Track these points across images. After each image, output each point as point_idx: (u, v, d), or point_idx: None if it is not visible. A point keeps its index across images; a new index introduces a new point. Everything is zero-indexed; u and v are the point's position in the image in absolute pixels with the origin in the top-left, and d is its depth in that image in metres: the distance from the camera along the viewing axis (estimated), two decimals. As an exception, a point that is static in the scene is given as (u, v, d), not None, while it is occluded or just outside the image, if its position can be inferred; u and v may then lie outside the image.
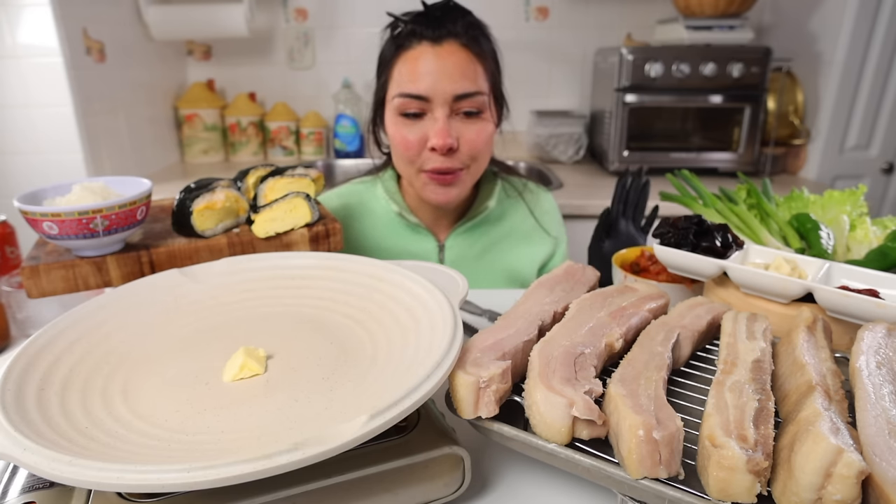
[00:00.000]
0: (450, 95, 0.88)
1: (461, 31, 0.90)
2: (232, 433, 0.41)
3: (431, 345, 0.47)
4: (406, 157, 0.92)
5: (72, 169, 1.61)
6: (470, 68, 0.89)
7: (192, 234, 0.73)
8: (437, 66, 0.88)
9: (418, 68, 0.88)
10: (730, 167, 1.92)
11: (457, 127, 0.90)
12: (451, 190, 0.94)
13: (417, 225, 1.03)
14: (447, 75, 0.87)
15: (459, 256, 1.05)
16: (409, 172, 0.95)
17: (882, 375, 0.44)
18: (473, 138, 0.91)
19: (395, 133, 0.92)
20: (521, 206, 1.09)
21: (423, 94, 0.88)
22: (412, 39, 0.90)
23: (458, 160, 0.91)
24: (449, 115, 0.89)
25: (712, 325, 0.57)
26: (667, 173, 0.94)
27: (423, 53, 0.88)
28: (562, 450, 0.41)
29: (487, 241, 1.06)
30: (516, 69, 2.24)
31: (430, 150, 0.90)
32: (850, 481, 0.32)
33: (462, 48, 0.89)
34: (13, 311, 0.78)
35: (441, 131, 0.88)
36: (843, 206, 0.81)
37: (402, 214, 1.02)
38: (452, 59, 0.88)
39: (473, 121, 0.91)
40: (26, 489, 0.43)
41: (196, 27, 1.97)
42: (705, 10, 1.81)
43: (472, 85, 0.89)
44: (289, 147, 2.26)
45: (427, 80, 0.87)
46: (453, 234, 1.04)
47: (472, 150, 0.91)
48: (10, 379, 0.44)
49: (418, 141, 0.90)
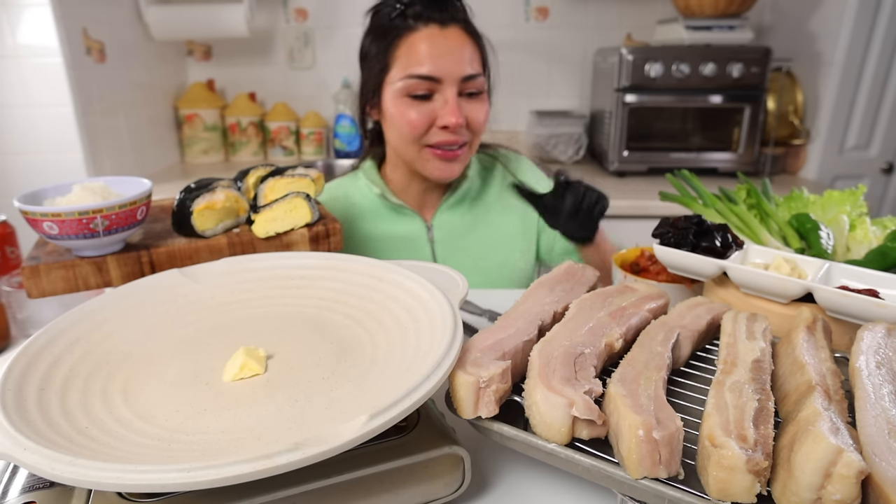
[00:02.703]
0: (458, 76, 0.91)
1: (461, 17, 0.95)
2: (232, 433, 0.41)
3: (431, 345, 0.47)
4: (412, 136, 0.94)
5: (72, 169, 1.61)
6: (471, 51, 0.94)
7: (192, 234, 0.73)
8: (446, 49, 0.91)
9: (429, 50, 0.91)
10: (730, 167, 1.92)
11: (463, 106, 0.94)
12: (455, 165, 0.98)
13: (402, 206, 1.04)
14: (455, 57, 0.91)
15: (449, 234, 1.06)
16: (412, 151, 0.97)
17: (882, 375, 0.44)
18: (477, 116, 0.96)
19: (399, 115, 0.94)
20: (502, 175, 1.12)
21: (434, 74, 0.91)
22: (418, 22, 0.92)
23: (465, 135, 0.96)
24: (456, 95, 0.93)
25: (712, 325, 0.57)
26: (667, 173, 0.94)
27: (431, 35, 0.91)
28: (562, 450, 0.41)
29: (474, 215, 1.08)
30: (516, 69, 2.24)
31: (440, 129, 0.93)
32: (849, 481, 0.32)
33: (464, 32, 0.94)
34: (13, 311, 0.79)
35: (454, 110, 0.91)
36: (843, 206, 0.81)
37: (384, 196, 1.04)
38: (458, 41, 0.92)
39: (476, 100, 0.96)
40: (26, 489, 0.43)
41: (196, 27, 1.97)
42: (705, 10, 1.81)
43: (476, 66, 0.94)
44: (289, 147, 2.26)
45: (438, 62, 0.90)
46: (439, 213, 1.06)
47: (477, 126, 0.97)
48: (11, 379, 0.44)
49: (425, 120, 0.93)
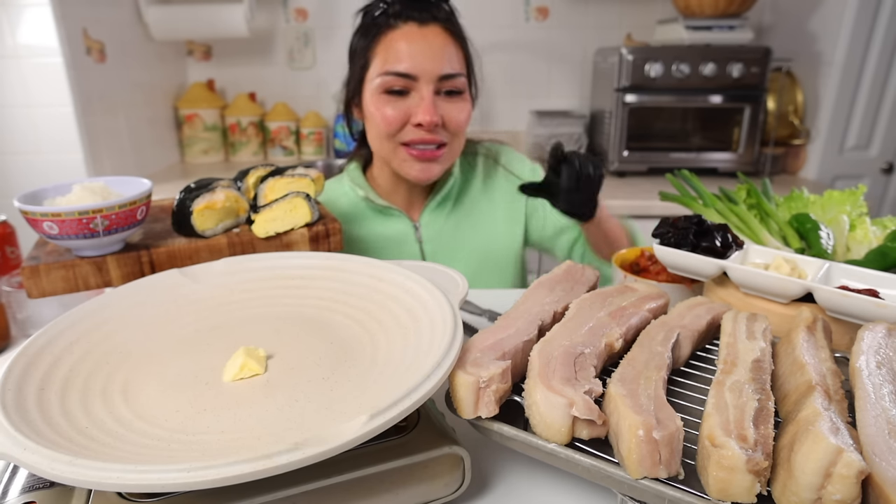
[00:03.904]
0: (435, 75, 0.91)
1: (443, 17, 0.94)
2: (232, 433, 0.41)
3: (431, 345, 0.47)
4: (386, 132, 0.94)
5: (72, 169, 1.61)
6: (452, 50, 0.93)
7: (192, 234, 0.73)
8: (424, 47, 0.91)
9: (406, 48, 0.91)
10: (730, 167, 1.92)
11: (440, 105, 0.93)
12: (434, 166, 0.97)
13: (388, 207, 1.04)
14: (432, 56, 0.91)
15: (437, 232, 1.06)
16: (387, 148, 0.97)
17: (882, 375, 0.44)
18: (456, 116, 0.94)
19: (376, 111, 0.93)
20: (483, 167, 1.12)
21: (411, 72, 0.90)
22: (398, 20, 0.93)
23: (443, 135, 0.95)
24: (433, 94, 0.92)
25: (712, 325, 0.57)
26: (667, 173, 0.94)
27: (409, 33, 0.91)
28: (562, 450, 0.41)
29: (461, 212, 1.08)
30: (516, 69, 2.24)
31: (414, 126, 0.93)
32: (849, 481, 0.32)
33: (444, 31, 0.93)
34: (13, 311, 0.78)
35: (428, 108, 0.91)
36: (843, 206, 0.81)
37: (369, 197, 1.03)
38: (438, 40, 0.92)
39: (455, 100, 0.95)
40: (26, 489, 0.43)
41: (196, 27, 1.97)
42: (705, 10, 1.81)
43: (456, 66, 0.93)
44: (289, 147, 2.26)
45: (414, 59, 0.90)
46: (426, 212, 1.06)
47: (455, 126, 0.95)
48: (11, 379, 0.44)
49: (400, 117, 0.92)
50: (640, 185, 1.85)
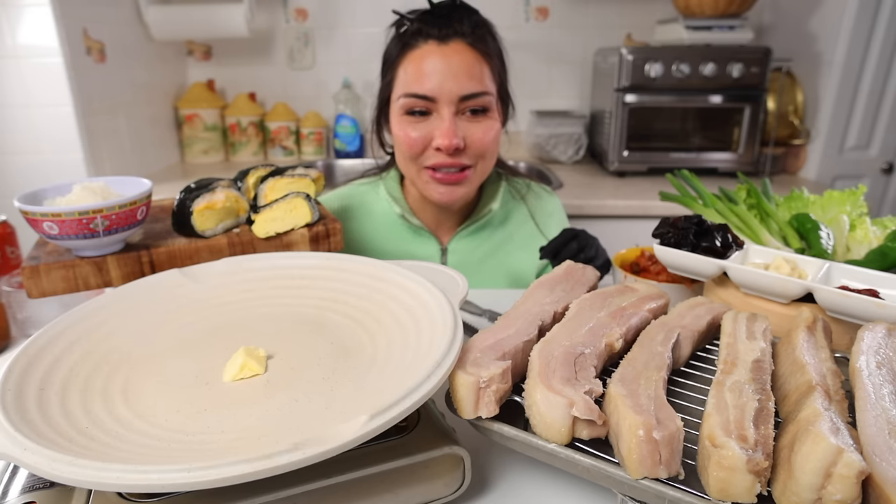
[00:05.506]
0: (456, 95, 0.88)
1: (467, 31, 0.89)
2: (232, 433, 0.41)
3: (431, 345, 0.47)
4: (409, 154, 0.92)
5: (72, 169, 1.61)
6: (476, 68, 0.89)
7: (193, 234, 0.73)
8: (443, 66, 0.87)
9: (424, 68, 0.88)
10: (730, 167, 1.92)
11: (463, 126, 0.90)
12: (458, 189, 0.94)
13: (420, 227, 1.02)
14: (453, 75, 0.87)
15: (462, 261, 1.04)
16: (412, 170, 0.95)
17: (882, 375, 0.44)
18: (480, 137, 0.90)
19: (400, 131, 0.92)
20: (527, 208, 1.09)
21: (429, 94, 0.88)
22: (418, 38, 0.89)
23: (466, 157, 0.91)
24: (455, 115, 0.89)
25: (712, 325, 0.57)
26: (667, 173, 0.94)
27: (428, 53, 0.88)
28: (562, 450, 0.41)
29: (491, 245, 1.05)
30: (516, 69, 2.22)
31: (435, 150, 0.90)
32: (850, 481, 0.32)
33: (468, 48, 0.89)
34: (13, 311, 0.78)
35: (447, 131, 0.87)
36: (843, 206, 0.81)
37: (405, 216, 1.01)
38: (458, 58, 0.88)
39: (480, 119, 0.91)
40: (26, 489, 0.43)
41: (196, 27, 1.97)
42: (705, 10, 1.81)
43: (478, 85, 0.89)
44: (289, 147, 2.26)
45: (433, 80, 0.87)
46: (456, 238, 1.04)
47: (480, 148, 0.91)
48: (11, 379, 0.44)
49: (423, 139, 0.90)
50: (640, 185, 1.85)
